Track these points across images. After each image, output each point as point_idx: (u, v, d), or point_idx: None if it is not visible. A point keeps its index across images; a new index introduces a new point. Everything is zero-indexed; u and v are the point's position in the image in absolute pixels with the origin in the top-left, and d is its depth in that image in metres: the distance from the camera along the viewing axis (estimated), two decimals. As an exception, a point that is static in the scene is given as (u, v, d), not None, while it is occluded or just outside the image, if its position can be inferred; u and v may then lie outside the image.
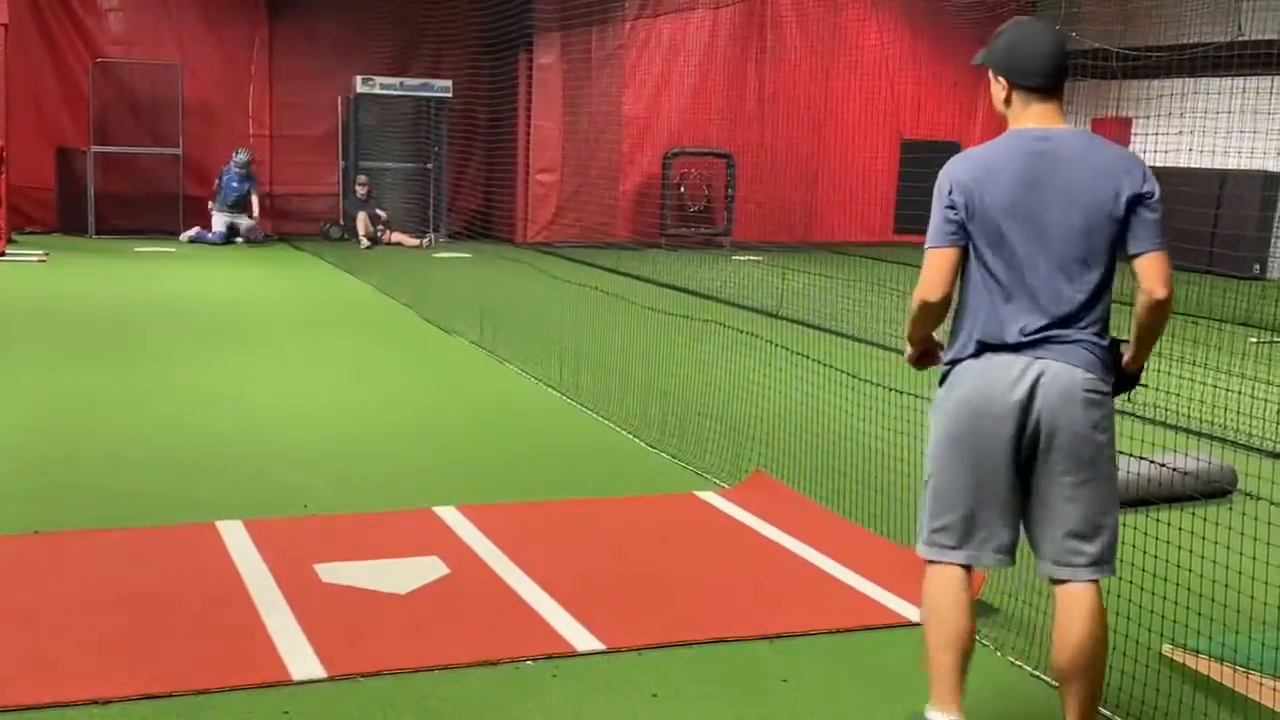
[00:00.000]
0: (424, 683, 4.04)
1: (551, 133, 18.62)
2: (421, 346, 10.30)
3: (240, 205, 17.34)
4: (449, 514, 5.70)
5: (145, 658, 4.12)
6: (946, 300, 3.53)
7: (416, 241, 17.99)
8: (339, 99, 18.41)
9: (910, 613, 4.67)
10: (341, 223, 18.21)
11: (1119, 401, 3.65)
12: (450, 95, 18.48)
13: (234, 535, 5.31)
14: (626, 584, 4.98)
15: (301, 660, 4.12)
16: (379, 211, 18.07)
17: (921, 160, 19.81)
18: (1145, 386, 3.92)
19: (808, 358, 8.47)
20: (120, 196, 17.23)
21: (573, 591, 4.81)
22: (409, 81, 18.39)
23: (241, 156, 17.28)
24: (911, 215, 19.27)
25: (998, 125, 3.82)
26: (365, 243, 17.55)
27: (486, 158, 19.24)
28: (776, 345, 8.73)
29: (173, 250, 16.31)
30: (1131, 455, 6.07)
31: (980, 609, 4.68)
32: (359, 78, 17.94)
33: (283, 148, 18.49)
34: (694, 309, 11.43)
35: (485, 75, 18.77)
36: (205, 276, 14.12)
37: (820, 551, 5.36)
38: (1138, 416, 7.96)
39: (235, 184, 17.24)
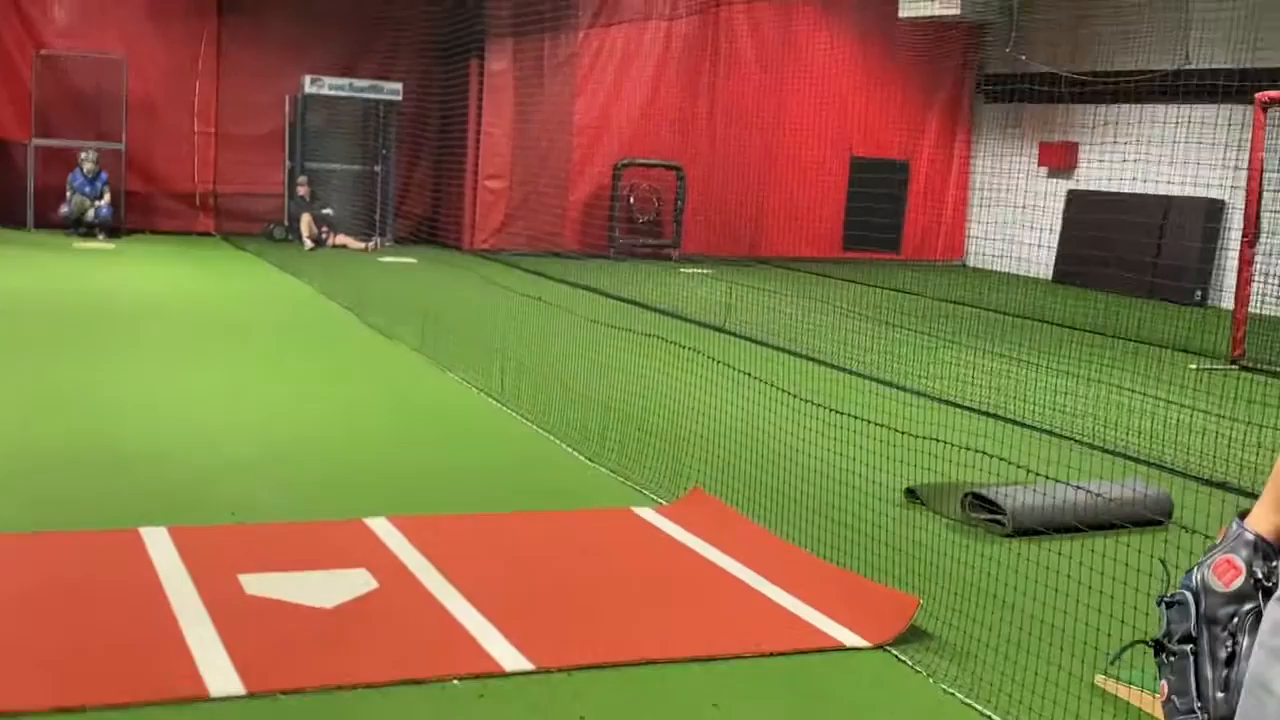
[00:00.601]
0: (347, 701, 3.94)
1: (501, 140, 18.51)
2: (362, 352, 10.17)
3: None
4: (380, 525, 5.59)
5: (59, 668, 3.99)
6: None
7: (361, 245, 17.82)
8: (286, 98, 18.20)
9: (845, 637, 4.62)
10: (286, 223, 18.01)
11: (1050, 427, 3.61)
12: (400, 98, 18.33)
13: (157, 542, 5.17)
14: (559, 601, 4.90)
15: (220, 676, 4.01)
16: (326, 211, 17.89)
17: (871, 178, 20.06)
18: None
19: (751, 375, 8.43)
20: (62, 190, 16.92)
21: (504, 608, 4.72)
22: (358, 83, 18.21)
23: (86, 166, 16.78)
24: (860, 233, 19.45)
25: (947, 144, 3.77)
26: (309, 244, 17.36)
27: (435, 162, 19.11)
28: (719, 362, 8.69)
29: (112, 247, 16.05)
30: (1067, 483, 6.08)
31: (912, 634, 4.65)
32: (308, 77, 17.75)
33: (228, 146, 18.24)
34: (639, 322, 11.37)
35: (436, 79, 18.64)
36: (143, 275, 13.90)
37: (756, 572, 5.30)
38: (1076, 442, 7.99)
39: (87, 188, 16.79)
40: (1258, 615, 1.70)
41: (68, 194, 16.65)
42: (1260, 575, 1.73)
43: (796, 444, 7.02)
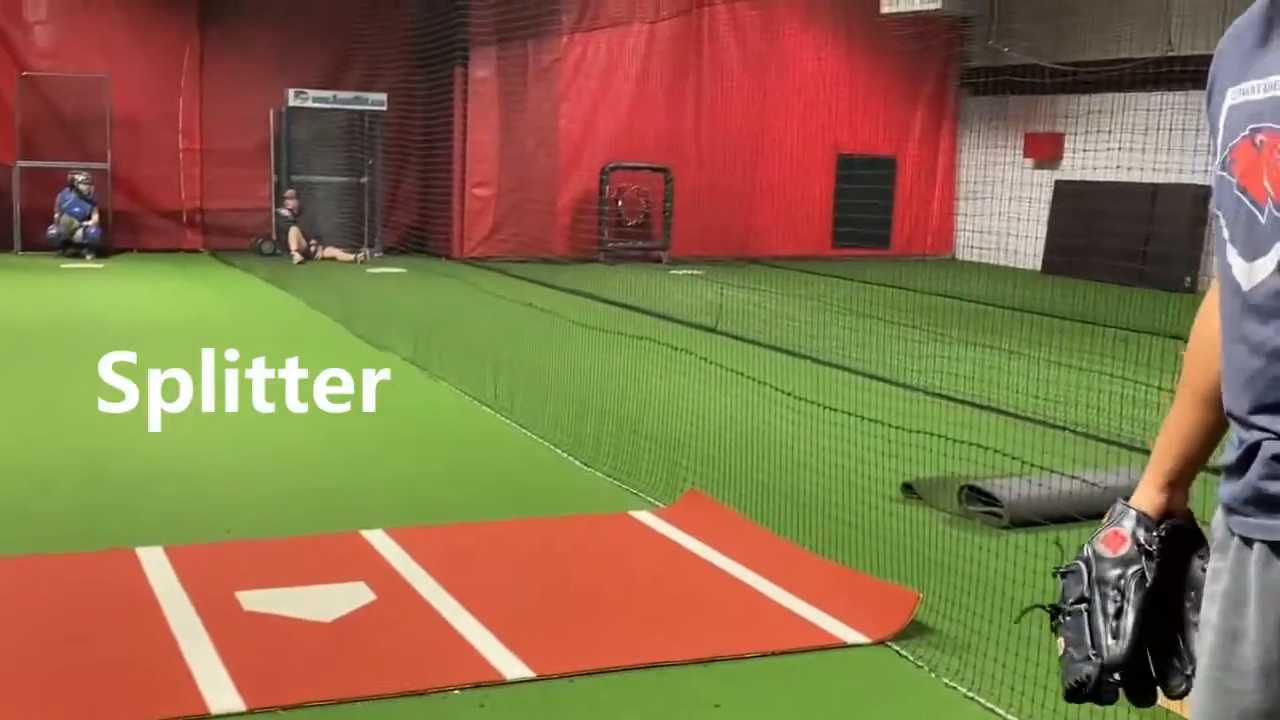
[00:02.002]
0: (348, 714, 3.93)
1: (488, 147, 18.50)
2: (353, 363, 10.11)
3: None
4: (376, 537, 5.58)
5: (58, 691, 3.97)
6: None
7: (350, 257, 17.79)
8: (271, 112, 18.16)
9: (845, 634, 4.62)
10: (274, 237, 17.98)
11: (1040, 417, 3.61)
12: (385, 108, 18.30)
13: (154, 561, 5.15)
14: (558, 608, 4.89)
15: (220, 693, 3.99)
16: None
17: (858, 175, 20.08)
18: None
19: (744, 375, 8.42)
20: (48, 212, 16.86)
21: (503, 616, 4.71)
22: (342, 94, 18.19)
23: (83, 187, 16.77)
24: (849, 230, 19.45)
25: (932, 140, 3.74)
26: (298, 258, 17.33)
27: (422, 172, 19.08)
28: (712, 363, 8.68)
29: (100, 266, 16.02)
30: (1063, 473, 6.08)
31: (912, 629, 4.64)
32: (291, 90, 17.71)
33: (213, 161, 18.20)
34: (631, 325, 11.36)
35: (420, 88, 18.62)
36: (133, 293, 13.87)
37: (756, 572, 5.29)
38: (1071, 431, 7.99)
39: (76, 208, 16.76)
40: (1141, 575, 1.95)
41: (56, 215, 16.62)
42: (1142, 539, 1.98)
43: (792, 442, 7.01)
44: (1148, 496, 2.04)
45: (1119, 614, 1.95)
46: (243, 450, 7.18)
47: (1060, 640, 2.00)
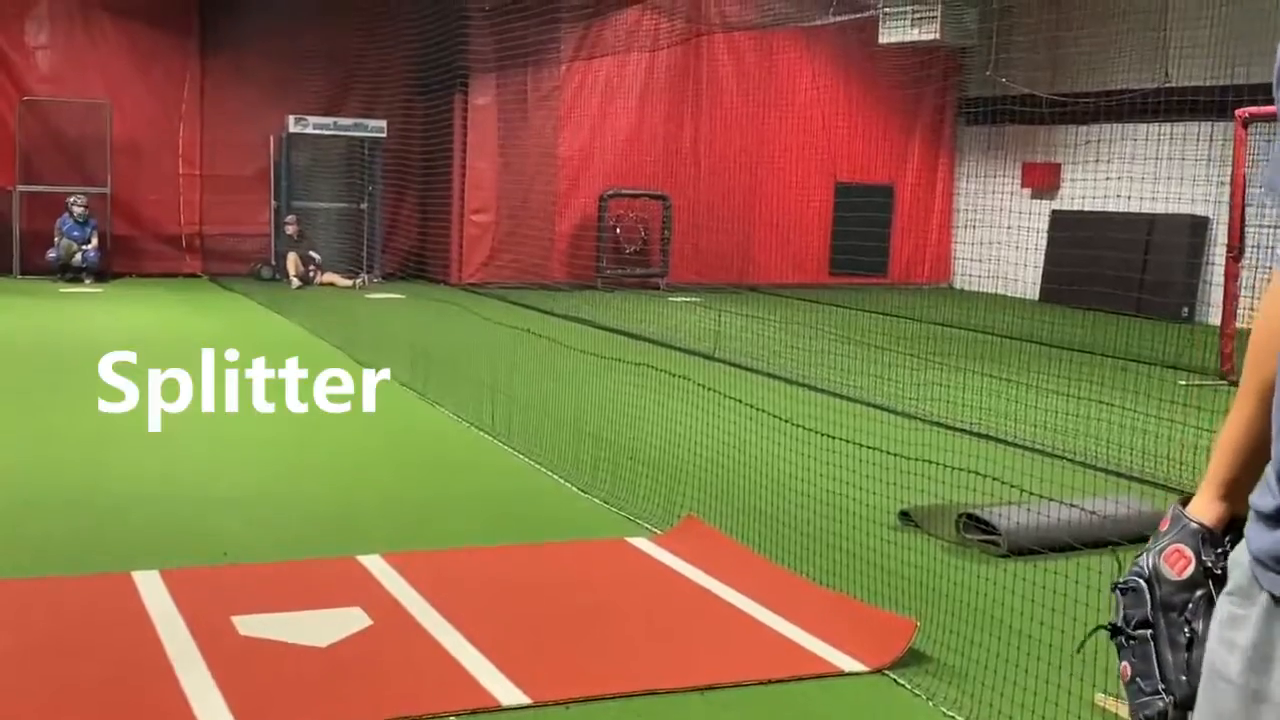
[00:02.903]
0: (342, 740, 3.91)
1: (486, 173, 18.54)
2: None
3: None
4: (373, 562, 5.56)
5: (53, 713, 3.96)
6: None
7: (349, 282, 17.81)
8: (271, 138, 18.22)
9: (843, 662, 4.60)
10: (273, 263, 18.00)
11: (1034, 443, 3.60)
12: (384, 135, 18.34)
13: (149, 585, 5.14)
14: (554, 634, 4.88)
15: (215, 718, 3.98)
16: (312, 253, 17.88)
17: (856, 203, 20.10)
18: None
19: (741, 402, 8.42)
20: (48, 236, 16.87)
21: (499, 642, 4.69)
22: (342, 121, 18.24)
23: (77, 210, 16.77)
24: (847, 258, 19.47)
25: (930, 169, 3.75)
26: (296, 283, 17.35)
27: (421, 198, 19.10)
28: (710, 390, 8.67)
29: (99, 290, 16.02)
30: (1062, 502, 6.07)
31: (910, 657, 4.63)
32: (291, 117, 17.77)
33: (213, 187, 18.24)
34: (629, 351, 11.36)
35: (420, 115, 18.66)
36: (131, 316, 13.87)
37: (753, 599, 5.28)
38: (1069, 460, 7.99)
39: (75, 232, 16.76)
40: (1209, 600, 1.78)
41: (56, 239, 16.63)
42: (1209, 563, 1.80)
43: (789, 469, 7.00)
44: (1208, 506, 1.86)
45: (1189, 645, 1.81)
46: (240, 474, 7.17)
47: (1125, 666, 1.89)
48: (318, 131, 18.06)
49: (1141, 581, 1.86)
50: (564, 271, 18.68)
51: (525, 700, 4.22)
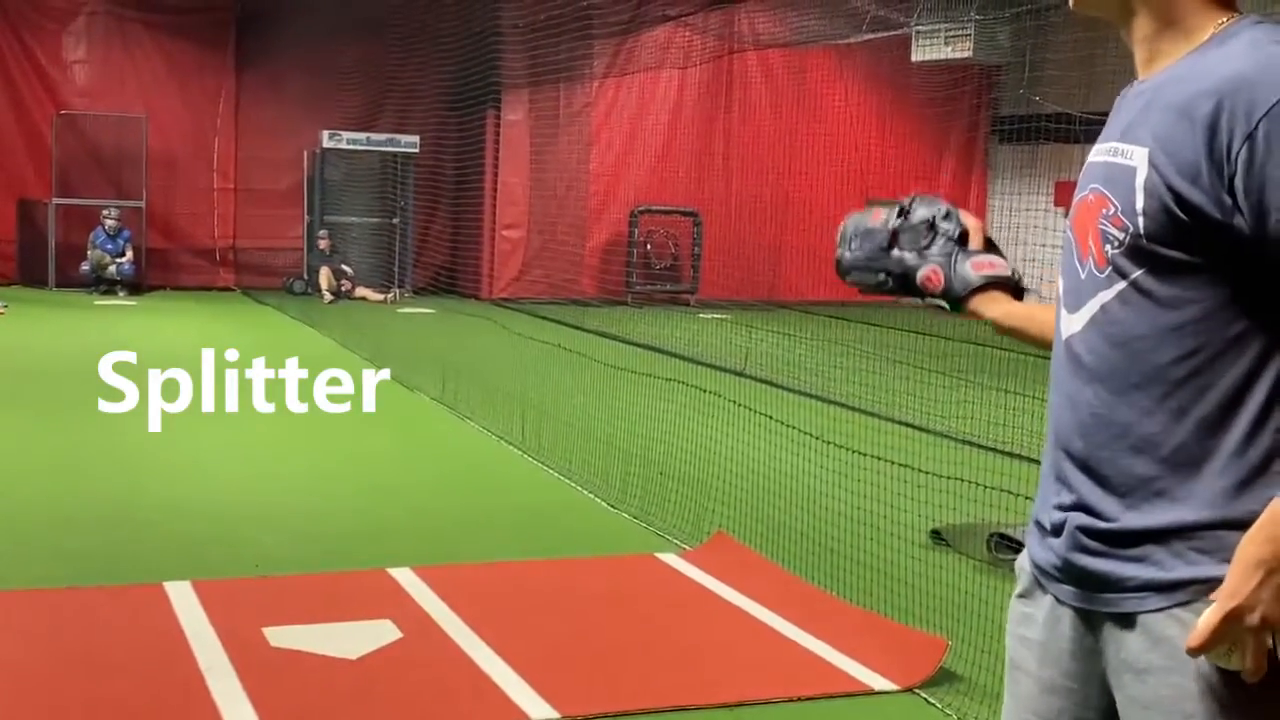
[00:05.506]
0: (372, 752, 3.92)
1: (518, 189, 18.60)
2: (382, 402, 10.14)
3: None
4: (404, 575, 5.58)
5: (83, 725, 3.98)
6: None
7: (381, 296, 17.89)
8: (305, 153, 18.34)
9: (873, 680, 4.58)
10: (305, 277, 18.10)
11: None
12: (417, 150, 18.43)
13: (181, 597, 5.17)
14: (584, 649, 4.88)
15: (245, 729, 3.99)
16: (344, 267, 17.97)
17: (887, 221, 20.04)
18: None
19: (772, 418, 8.40)
20: (82, 249, 17.02)
21: (529, 657, 4.69)
22: (375, 136, 18.35)
23: (109, 223, 16.91)
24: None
25: (963, 187, 3.74)
26: (328, 297, 17.44)
27: (452, 213, 19.17)
28: (740, 405, 8.66)
29: (133, 303, 16.15)
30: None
31: (941, 677, 4.60)
32: (325, 132, 17.89)
33: (247, 201, 18.39)
34: (659, 367, 11.36)
35: (452, 131, 18.75)
36: (165, 330, 13.96)
37: (782, 616, 5.26)
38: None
39: (109, 245, 16.89)
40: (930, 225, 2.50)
41: (89, 251, 16.78)
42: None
43: (820, 486, 6.98)
44: (990, 303, 2.53)
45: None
46: (271, 486, 7.21)
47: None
48: (351, 147, 18.17)
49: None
50: (594, 287, 18.70)
51: (554, 715, 4.22)
